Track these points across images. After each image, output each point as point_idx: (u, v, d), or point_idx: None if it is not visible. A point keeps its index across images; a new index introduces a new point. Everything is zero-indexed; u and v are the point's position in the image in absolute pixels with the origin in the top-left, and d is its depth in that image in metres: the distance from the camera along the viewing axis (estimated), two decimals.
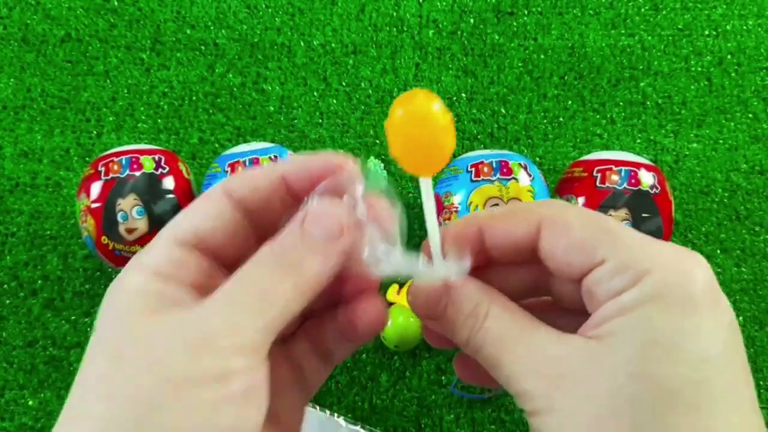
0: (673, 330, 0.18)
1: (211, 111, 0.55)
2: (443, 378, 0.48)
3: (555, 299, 0.23)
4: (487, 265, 0.23)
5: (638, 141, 0.55)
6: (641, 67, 0.57)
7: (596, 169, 0.45)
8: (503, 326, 0.21)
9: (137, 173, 0.44)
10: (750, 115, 0.56)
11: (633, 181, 0.44)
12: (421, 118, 0.20)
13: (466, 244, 0.22)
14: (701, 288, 0.19)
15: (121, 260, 0.45)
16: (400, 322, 0.46)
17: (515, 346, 0.20)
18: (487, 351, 0.21)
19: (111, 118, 0.54)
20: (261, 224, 0.21)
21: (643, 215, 0.44)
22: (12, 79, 0.55)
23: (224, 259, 0.21)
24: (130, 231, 0.44)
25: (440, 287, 0.22)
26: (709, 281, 0.19)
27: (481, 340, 0.21)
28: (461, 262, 0.21)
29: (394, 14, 0.58)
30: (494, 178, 0.44)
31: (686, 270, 0.19)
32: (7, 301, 0.49)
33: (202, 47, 0.56)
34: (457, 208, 0.44)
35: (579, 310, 0.21)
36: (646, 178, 0.45)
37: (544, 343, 0.20)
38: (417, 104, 0.20)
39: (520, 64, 0.56)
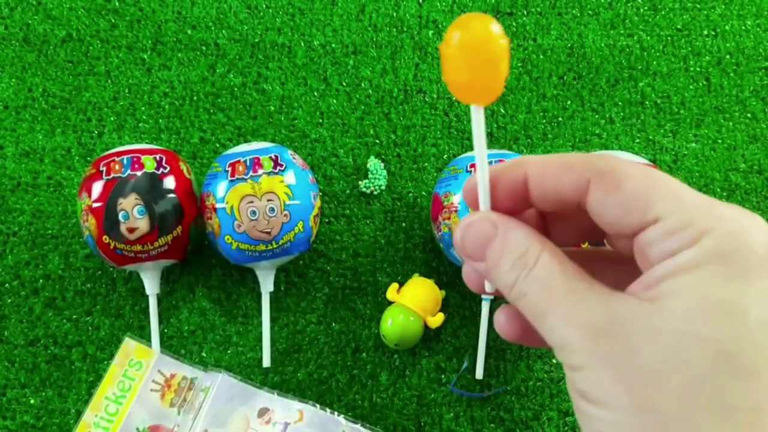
0: (736, 292, 0.17)
1: (212, 111, 0.55)
2: (443, 376, 0.48)
3: (607, 249, 0.22)
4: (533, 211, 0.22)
5: (637, 141, 0.55)
6: (640, 67, 0.57)
7: None
8: (552, 275, 0.19)
9: (138, 173, 0.44)
10: (748, 115, 0.56)
11: None
12: (481, 43, 0.19)
13: (512, 194, 0.21)
14: (764, 251, 0.17)
15: (123, 259, 0.45)
16: (401, 320, 0.46)
17: (563, 296, 0.19)
18: (533, 299, 0.20)
19: (112, 118, 0.54)
20: None
21: None
22: (13, 79, 0.55)
23: None
24: (131, 230, 0.44)
25: (491, 227, 0.21)
26: None
27: (528, 286, 0.20)
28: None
29: (394, 15, 0.58)
30: None
31: (748, 232, 0.18)
32: (9, 300, 0.50)
33: (203, 47, 0.57)
34: (456, 207, 0.44)
35: (632, 262, 0.20)
36: None
37: (594, 297, 0.18)
38: (476, 28, 0.19)
39: (519, 64, 0.56)
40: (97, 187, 0.44)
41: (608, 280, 0.20)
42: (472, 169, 0.45)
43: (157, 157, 0.46)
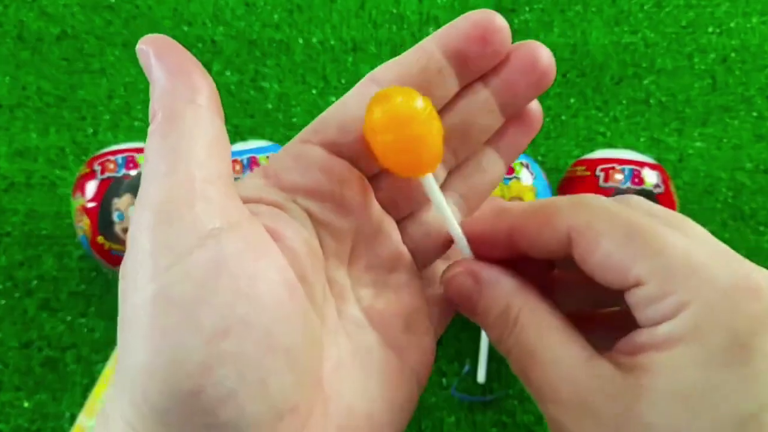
0: (707, 381, 0.15)
1: None
2: (444, 380, 0.47)
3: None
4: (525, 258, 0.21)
5: (642, 139, 0.54)
6: (644, 65, 0.56)
7: (599, 167, 0.45)
8: (531, 338, 0.19)
9: (133, 172, 0.44)
10: (754, 113, 0.55)
11: (636, 179, 0.44)
12: (404, 119, 0.18)
13: (495, 246, 0.20)
14: (753, 326, 0.15)
15: (117, 260, 0.44)
16: None
17: (542, 366, 0.18)
18: (515, 359, 0.19)
19: (107, 117, 0.54)
20: None
21: None
22: (7, 77, 0.54)
23: None
24: (126, 231, 0.43)
25: (472, 282, 0.20)
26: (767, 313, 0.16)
27: (510, 346, 0.19)
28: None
29: (394, 11, 0.57)
30: None
31: (735, 302, 0.16)
32: (2, 302, 0.49)
33: (200, 44, 0.56)
34: None
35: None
36: (650, 177, 0.44)
37: (571, 368, 0.18)
38: (395, 104, 0.18)
39: None
40: (92, 187, 0.43)
41: (601, 329, 0.19)
42: None
43: None
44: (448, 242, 0.23)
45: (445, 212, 0.21)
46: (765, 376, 0.15)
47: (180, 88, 0.17)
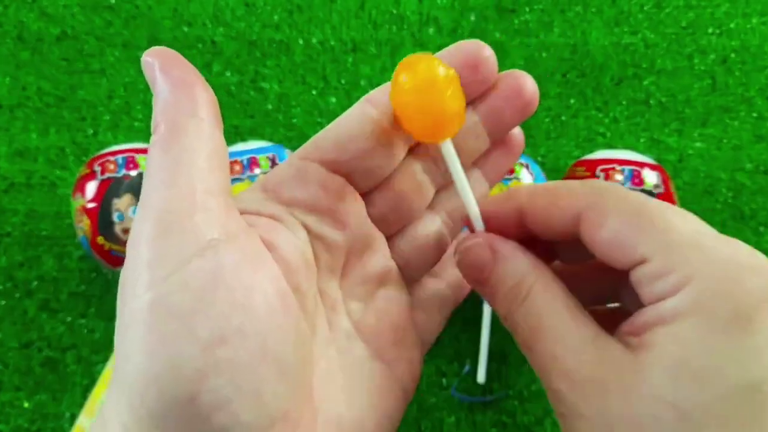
0: (713, 351, 0.16)
1: None
2: (444, 380, 0.47)
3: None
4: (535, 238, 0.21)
5: (642, 140, 0.54)
6: (644, 66, 0.56)
7: (599, 168, 0.45)
8: (541, 312, 0.19)
9: (133, 172, 0.44)
10: (754, 114, 0.55)
11: (636, 180, 0.44)
12: (428, 85, 0.19)
13: (506, 225, 0.21)
14: (755, 299, 0.16)
15: (118, 261, 0.44)
16: None
17: (549, 339, 0.19)
18: (522, 335, 0.20)
19: (107, 117, 0.54)
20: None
21: None
22: (7, 78, 0.54)
23: None
24: (126, 231, 0.43)
25: (488, 253, 0.21)
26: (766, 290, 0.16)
27: (519, 319, 0.20)
28: None
29: (394, 11, 0.57)
30: None
31: (736, 278, 0.16)
32: (2, 302, 0.49)
33: (200, 45, 0.56)
34: None
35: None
36: (650, 178, 0.44)
37: (579, 342, 0.18)
38: (422, 71, 0.19)
39: (521, 62, 0.56)
40: (92, 187, 0.43)
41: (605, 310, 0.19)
42: None
43: None
44: (437, 257, 0.24)
45: (461, 180, 0.21)
46: (763, 341, 0.16)
47: (183, 102, 0.18)
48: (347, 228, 0.21)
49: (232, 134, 0.54)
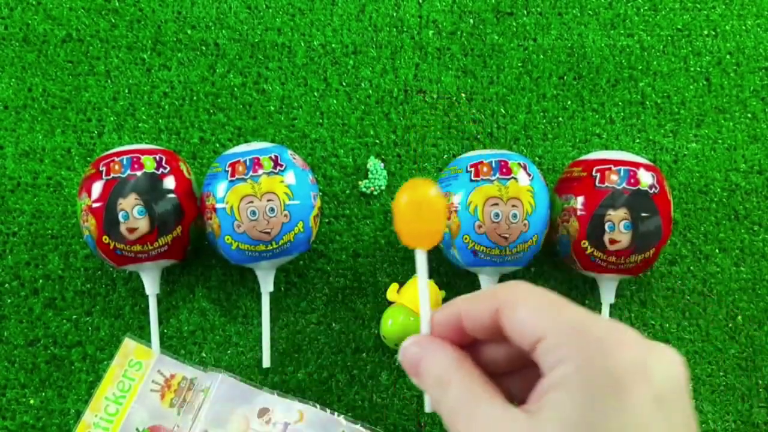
0: (589, 415, 0.19)
1: (211, 111, 0.55)
2: None
3: None
4: (475, 342, 0.26)
5: (637, 141, 0.55)
6: (640, 67, 0.57)
7: (595, 168, 0.46)
8: (459, 398, 0.23)
9: (138, 173, 0.44)
10: (749, 115, 0.56)
11: (632, 180, 0.45)
12: (421, 203, 0.26)
13: (448, 329, 0.25)
14: (625, 364, 0.20)
15: (122, 260, 0.45)
16: (401, 321, 0.46)
17: (465, 420, 0.22)
18: (447, 417, 0.23)
19: (112, 118, 0.54)
20: None
21: (643, 215, 0.44)
22: (13, 79, 0.55)
23: None
24: (131, 230, 0.44)
25: (419, 350, 0.25)
26: (637, 356, 0.20)
27: (442, 405, 0.24)
28: None
29: (394, 15, 0.58)
30: (494, 178, 0.44)
31: (612, 348, 0.20)
32: (9, 300, 0.50)
33: (203, 47, 0.57)
34: (456, 207, 0.44)
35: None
36: (646, 178, 0.45)
37: (490, 419, 0.22)
38: (418, 192, 0.26)
39: (519, 65, 0.56)
40: (97, 187, 0.44)
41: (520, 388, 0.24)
42: (472, 168, 0.45)
43: (157, 157, 0.46)
44: None
45: (423, 289, 0.26)
46: (635, 409, 0.20)
47: None
48: None
49: (235, 135, 0.54)
